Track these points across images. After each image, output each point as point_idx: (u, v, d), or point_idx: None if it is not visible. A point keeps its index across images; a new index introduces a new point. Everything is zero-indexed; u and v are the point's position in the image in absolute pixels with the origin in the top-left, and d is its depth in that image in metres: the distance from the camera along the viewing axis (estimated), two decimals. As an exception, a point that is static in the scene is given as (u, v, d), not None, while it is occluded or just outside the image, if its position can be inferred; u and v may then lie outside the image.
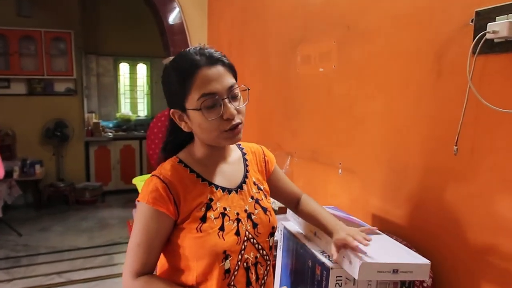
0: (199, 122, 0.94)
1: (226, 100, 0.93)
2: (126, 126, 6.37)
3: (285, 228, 1.33)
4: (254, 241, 1.03)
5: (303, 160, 2.06)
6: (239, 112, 0.96)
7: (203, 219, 0.95)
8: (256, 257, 1.03)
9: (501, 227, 1.03)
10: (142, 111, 6.88)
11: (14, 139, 5.22)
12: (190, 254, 0.95)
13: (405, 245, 1.16)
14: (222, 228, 0.96)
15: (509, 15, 1.00)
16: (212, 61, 0.94)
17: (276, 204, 1.64)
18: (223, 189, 1.02)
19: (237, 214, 1.01)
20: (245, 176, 1.10)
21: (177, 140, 1.07)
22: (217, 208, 0.98)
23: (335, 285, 0.97)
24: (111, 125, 6.35)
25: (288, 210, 1.34)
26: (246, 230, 1.01)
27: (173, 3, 3.41)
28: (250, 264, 1.01)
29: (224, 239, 0.95)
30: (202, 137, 0.99)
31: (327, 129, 1.83)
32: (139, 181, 2.05)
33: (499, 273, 1.04)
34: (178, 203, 0.95)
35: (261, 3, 2.51)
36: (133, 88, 6.79)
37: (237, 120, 0.95)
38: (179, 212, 0.95)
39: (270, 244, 1.08)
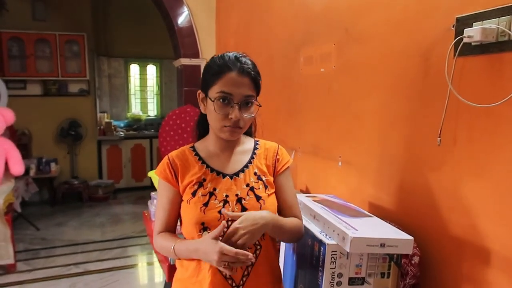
0: (211, 110, 1.14)
1: (237, 105, 1.10)
2: (137, 126, 6.56)
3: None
4: None
5: (306, 155, 2.20)
6: (243, 120, 1.12)
7: (194, 194, 1.16)
8: None
9: (478, 208, 1.17)
10: (152, 111, 7.07)
11: (30, 138, 5.42)
12: (182, 220, 1.20)
13: (396, 227, 1.30)
14: (206, 204, 1.14)
15: (484, 21, 1.13)
16: (243, 71, 1.12)
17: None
18: (218, 172, 1.19)
19: (226, 196, 1.15)
20: (246, 166, 1.21)
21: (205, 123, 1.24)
22: (207, 187, 1.17)
23: (331, 259, 1.11)
24: (122, 124, 6.55)
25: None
26: (233, 211, 1.13)
27: (182, 6, 3.56)
28: None
29: (204, 214, 1.13)
30: (211, 124, 1.18)
31: (327, 125, 1.97)
32: (154, 174, 2.21)
33: (476, 250, 1.17)
34: (177, 177, 1.18)
35: (265, 8, 2.65)
36: (143, 89, 6.97)
37: (239, 123, 1.12)
38: (179, 185, 1.18)
39: None
